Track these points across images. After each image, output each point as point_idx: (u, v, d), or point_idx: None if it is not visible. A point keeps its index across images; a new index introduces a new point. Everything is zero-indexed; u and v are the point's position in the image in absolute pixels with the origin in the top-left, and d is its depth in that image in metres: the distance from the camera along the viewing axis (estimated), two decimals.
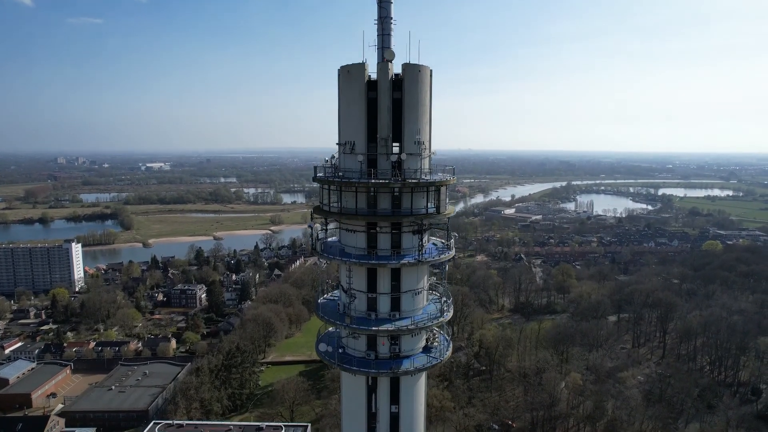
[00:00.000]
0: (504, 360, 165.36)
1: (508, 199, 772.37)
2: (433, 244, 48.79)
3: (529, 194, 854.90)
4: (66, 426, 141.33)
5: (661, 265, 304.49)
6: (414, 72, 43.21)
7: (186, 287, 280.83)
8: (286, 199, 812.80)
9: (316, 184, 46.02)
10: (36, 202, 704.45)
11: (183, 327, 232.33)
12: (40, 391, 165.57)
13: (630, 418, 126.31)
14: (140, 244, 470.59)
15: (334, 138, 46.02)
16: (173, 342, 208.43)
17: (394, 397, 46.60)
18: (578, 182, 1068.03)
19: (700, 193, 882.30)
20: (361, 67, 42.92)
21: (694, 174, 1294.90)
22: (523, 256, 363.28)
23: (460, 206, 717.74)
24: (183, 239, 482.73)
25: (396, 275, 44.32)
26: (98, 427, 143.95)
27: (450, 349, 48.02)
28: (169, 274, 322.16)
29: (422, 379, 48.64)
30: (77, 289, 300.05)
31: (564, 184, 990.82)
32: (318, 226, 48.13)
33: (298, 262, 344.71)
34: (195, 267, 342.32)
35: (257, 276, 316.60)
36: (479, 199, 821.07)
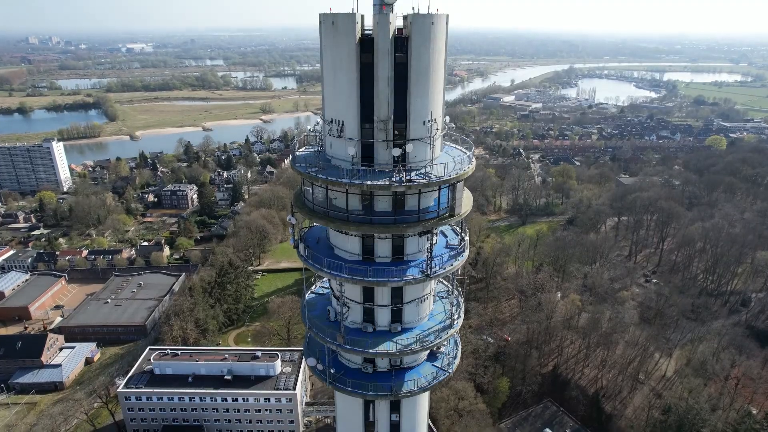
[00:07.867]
0: (501, 269, 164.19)
1: (507, 84, 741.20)
2: (443, 234, 40.69)
3: (530, 78, 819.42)
4: (65, 341, 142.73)
5: (662, 163, 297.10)
6: (425, 25, 31.90)
7: (177, 188, 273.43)
8: (277, 84, 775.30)
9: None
10: (12, 90, 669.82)
11: (175, 231, 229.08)
12: (37, 304, 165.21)
13: (624, 333, 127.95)
14: (127, 137, 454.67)
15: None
16: (167, 249, 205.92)
17: (395, 406, 41.76)
18: (581, 65, 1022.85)
19: (708, 78, 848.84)
20: (350, 18, 31.52)
21: (703, 56, 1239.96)
22: (521, 150, 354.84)
23: (457, 92, 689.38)
24: (171, 130, 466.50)
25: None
26: (97, 341, 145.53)
27: (459, 355, 42.15)
28: (159, 172, 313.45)
29: None
30: (65, 189, 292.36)
31: (566, 67, 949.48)
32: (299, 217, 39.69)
33: (290, 158, 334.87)
34: (185, 164, 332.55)
35: (249, 173, 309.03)
36: (477, 84, 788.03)
